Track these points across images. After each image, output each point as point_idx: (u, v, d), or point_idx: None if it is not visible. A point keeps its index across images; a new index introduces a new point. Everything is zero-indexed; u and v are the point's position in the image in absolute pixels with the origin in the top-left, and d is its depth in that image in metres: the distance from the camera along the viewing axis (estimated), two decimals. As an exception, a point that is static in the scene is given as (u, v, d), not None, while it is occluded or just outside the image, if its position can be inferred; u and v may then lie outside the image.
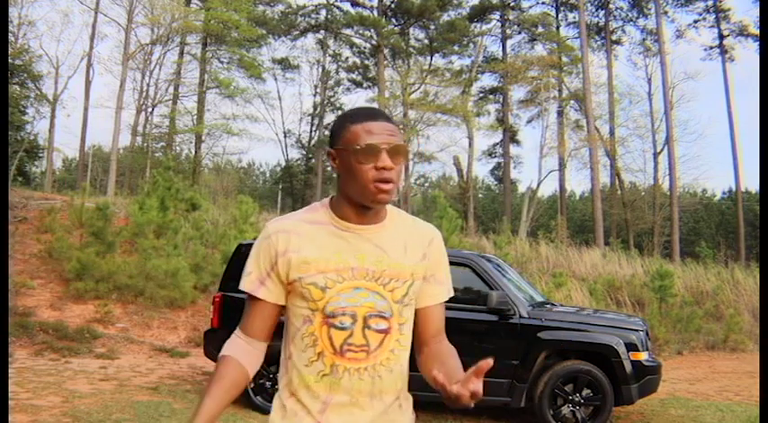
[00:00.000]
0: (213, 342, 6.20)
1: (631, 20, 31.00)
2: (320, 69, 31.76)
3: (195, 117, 27.30)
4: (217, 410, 1.45)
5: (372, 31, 28.66)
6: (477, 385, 1.26)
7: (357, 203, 1.50)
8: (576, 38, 29.22)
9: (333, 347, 1.48)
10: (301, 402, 1.50)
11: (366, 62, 30.87)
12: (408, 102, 27.50)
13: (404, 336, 1.56)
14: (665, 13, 29.30)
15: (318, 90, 31.82)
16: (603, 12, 30.53)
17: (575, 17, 29.90)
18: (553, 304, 6.95)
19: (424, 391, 1.95)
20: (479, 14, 30.39)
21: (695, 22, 29.74)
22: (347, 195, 1.52)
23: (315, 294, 1.48)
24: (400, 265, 1.53)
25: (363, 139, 1.46)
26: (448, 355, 1.56)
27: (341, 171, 1.51)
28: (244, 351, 1.54)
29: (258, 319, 1.56)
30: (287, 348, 1.55)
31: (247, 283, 1.55)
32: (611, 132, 28.82)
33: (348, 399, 1.49)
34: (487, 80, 31.59)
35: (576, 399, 5.67)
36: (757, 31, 25.92)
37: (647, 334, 6.13)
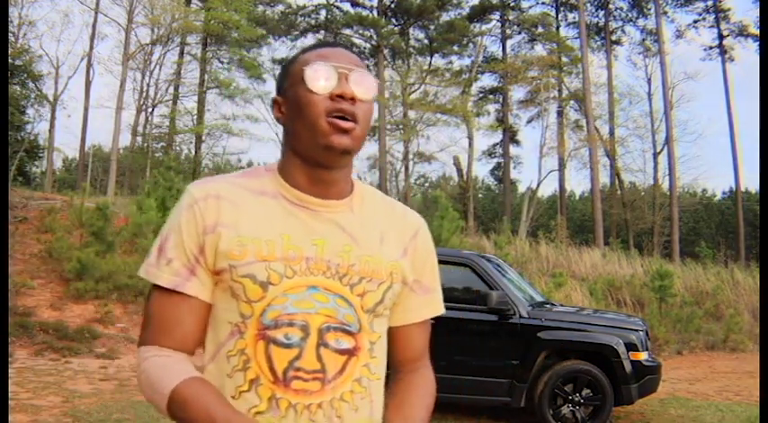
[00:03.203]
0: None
1: (631, 20, 31.03)
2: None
3: (195, 117, 27.29)
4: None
5: (372, 31, 28.66)
6: None
7: (308, 160, 1.09)
8: (576, 38, 29.24)
9: (273, 373, 1.03)
10: None
11: (366, 62, 30.74)
12: (408, 102, 27.51)
13: (375, 360, 1.11)
14: (665, 13, 29.32)
15: (318, 90, 31.85)
16: (603, 12, 30.54)
17: (574, 17, 29.91)
18: (553, 304, 6.96)
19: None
20: (479, 14, 30.38)
21: (695, 22, 29.81)
22: (295, 150, 1.11)
23: (251, 293, 1.04)
24: (376, 260, 1.10)
25: (315, 61, 1.08)
26: (414, 393, 1.15)
27: (287, 119, 1.12)
28: (193, 369, 1.06)
29: (186, 324, 1.07)
30: (205, 369, 1.09)
31: (168, 275, 1.07)
32: (611, 132, 28.84)
33: None
34: (487, 80, 31.62)
35: (576, 399, 5.67)
36: (757, 31, 25.93)
37: (647, 334, 6.14)
